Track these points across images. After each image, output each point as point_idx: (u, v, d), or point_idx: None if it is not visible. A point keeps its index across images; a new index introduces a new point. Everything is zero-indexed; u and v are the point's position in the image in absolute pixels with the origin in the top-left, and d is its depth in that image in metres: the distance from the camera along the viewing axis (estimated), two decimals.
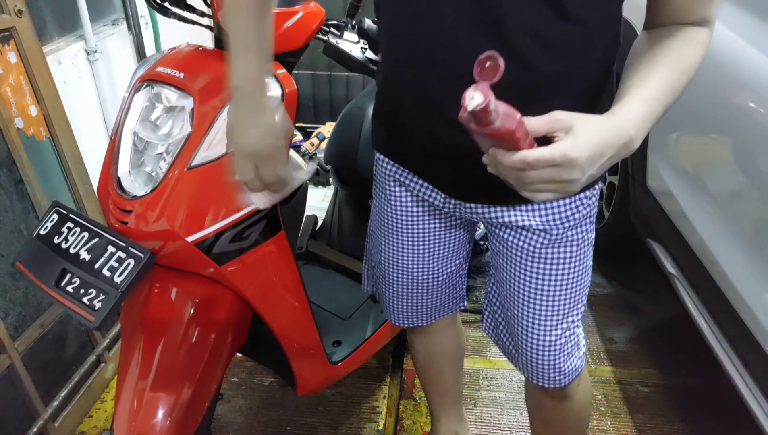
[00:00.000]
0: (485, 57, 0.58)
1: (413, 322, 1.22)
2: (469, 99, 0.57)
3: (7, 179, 1.37)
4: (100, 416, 1.65)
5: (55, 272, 0.93)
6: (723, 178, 1.52)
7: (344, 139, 1.57)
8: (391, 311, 1.21)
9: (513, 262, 0.99)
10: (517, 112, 0.60)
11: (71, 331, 1.59)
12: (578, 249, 0.96)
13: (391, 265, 1.12)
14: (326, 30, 1.12)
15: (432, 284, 1.14)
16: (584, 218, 0.95)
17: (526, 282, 0.99)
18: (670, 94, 0.73)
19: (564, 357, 1.04)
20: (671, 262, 1.76)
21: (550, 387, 1.07)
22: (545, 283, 0.98)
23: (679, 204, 1.67)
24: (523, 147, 0.63)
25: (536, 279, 0.98)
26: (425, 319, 1.22)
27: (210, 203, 0.94)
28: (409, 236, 1.07)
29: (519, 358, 1.08)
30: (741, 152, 1.44)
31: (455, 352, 1.37)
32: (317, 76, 3.13)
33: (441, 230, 1.07)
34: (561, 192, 0.67)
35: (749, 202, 1.42)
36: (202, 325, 1.02)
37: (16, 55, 1.35)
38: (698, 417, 1.71)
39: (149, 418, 0.94)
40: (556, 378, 1.05)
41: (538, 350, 1.03)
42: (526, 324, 1.02)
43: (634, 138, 0.69)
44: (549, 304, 1.00)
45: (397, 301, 1.18)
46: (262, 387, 1.77)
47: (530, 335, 1.02)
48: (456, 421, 1.51)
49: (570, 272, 0.98)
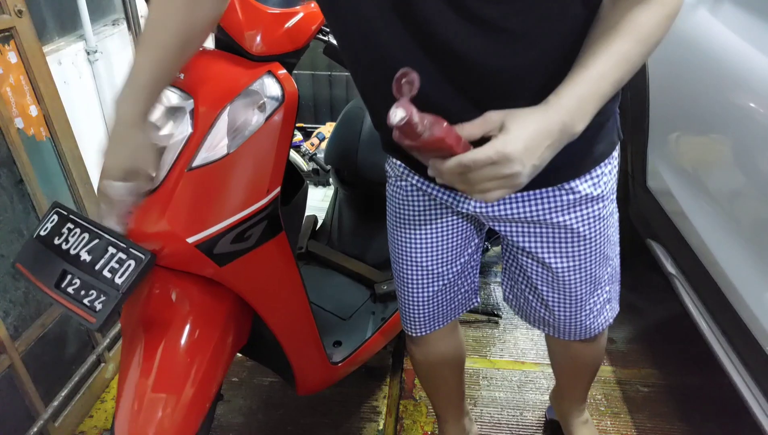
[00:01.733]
0: (400, 75, 0.61)
1: (431, 328, 1.20)
2: (393, 117, 0.60)
3: (7, 179, 1.37)
4: (101, 416, 1.65)
5: (55, 273, 0.92)
6: (723, 178, 1.52)
7: (344, 139, 1.57)
8: (408, 319, 1.20)
9: (543, 273, 1.05)
10: (443, 121, 0.64)
11: (71, 331, 1.59)
12: (593, 230, 1.00)
13: (405, 264, 1.13)
14: (326, 30, 1.12)
15: (446, 278, 1.14)
16: (607, 198, 0.99)
17: (555, 288, 1.06)
18: (622, 68, 0.73)
19: (593, 318, 1.13)
20: (671, 262, 1.76)
21: (578, 339, 1.17)
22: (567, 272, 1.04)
23: (679, 204, 1.67)
24: (458, 152, 0.66)
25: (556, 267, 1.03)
26: (441, 321, 1.21)
27: (211, 204, 0.94)
28: (420, 230, 1.09)
29: (540, 324, 1.17)
30: (741, 152, 1.44)
31: (456, 359, 1.37)
32: (317, 76, 3.13)
33: (451, 222, 1.08)
34: (508, 187, 0.70)
35: (749, 202, 1.42)
36: (203, 326, 1.02)
37: (17, 55, 1.35)
38: (698, 417, 1.71)
39: (150, 418, 0.94)
40: (584, 334, 1.15)
41: (569, 321, 1.11)
42: (553, 305, 1.09)
43: (569, 123, 0.71)
44: (569, 291, 1.06)
45: (413, 304, 1.17)
46: (262, 387, 1.77)
47: (560, 312, 1.10)
48: (462, 419, 1.52)
49: (589, 252, 1.02)
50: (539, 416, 1.71)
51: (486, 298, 2.18)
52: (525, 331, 2.02)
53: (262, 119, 0.96)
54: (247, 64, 0.99)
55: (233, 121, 0.94)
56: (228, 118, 0.94)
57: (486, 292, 2.21)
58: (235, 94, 0.95)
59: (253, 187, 0.97)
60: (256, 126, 0.96)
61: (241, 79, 0.96)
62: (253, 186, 0.97)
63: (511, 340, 1.98)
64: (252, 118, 0.96)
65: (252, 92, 0.97)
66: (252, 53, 0.98)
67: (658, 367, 1.89)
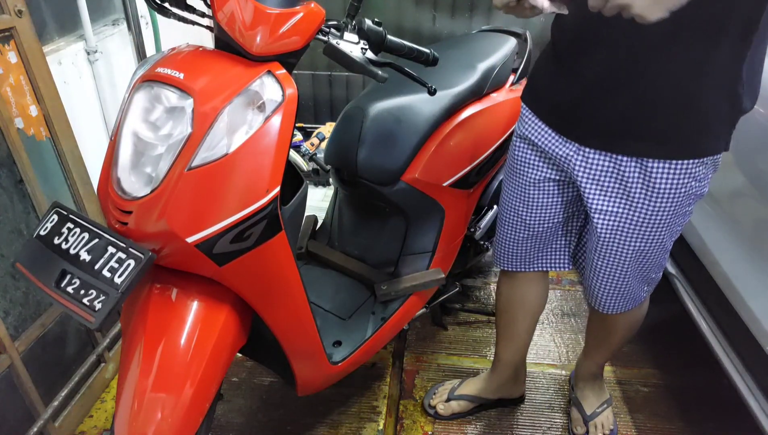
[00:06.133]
0: None
1: (515, 266, 1.44)
2: None
3: (7, 179, 1.37)
4: (101, 416, 1.65)
5: (55, 273, 0.93)
6: (723, 178, 1.52)
7: (344, 139, 1.56)
8: (498, 253, 1.45)
9: (596, 235, 1.21)
10: None
11: (71, 331, 1.59)
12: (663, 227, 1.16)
13: (507, 208, 1.37)
14: (326, 30, 1.12)
15: (536, 229, 1.35)
16: (684, 194, 1.11)
17: (603, 253, 1.23)
18: None
19: (628, 299, 1.31)
20: (671, 262, 1.76)
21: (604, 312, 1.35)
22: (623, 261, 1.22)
23: None
24: None
25: (618, 254, 1.21)
26: (524, 265, 1.43)
27: (210, 204, 0.94)
28: (524, 183, 1.30)
29: (586, 291, 1.37)
30: (741, 153, 1.44)
31: (533, 307, 1.54)
32: (317, 76, 3.13)
33: (551, 183, 1.28)
34: None
35: (749, 203, 1.42)
36: (203, 326, 1.02)
37: (17, 55, 1.35)
38: (698, 417, 1.71)
39: (150, 418, 0.94)
40: (619, 309, 1.33)
41: (604, 295, 1.31)
42: (598, 278, 1.28)
43: None
44: (621, 273, 1.24)
45: (505, 244, 1.42)
46: (262, 387, 1.77)
47: (602, 289, 1.30)
48: (516, 362, 1.65)
49: (648, 249, 1.20)
50: (540, 416, 1.71)
51: (486, 298, 2.19)
52: None
53: (261, 119, 0.96)
54: (246, 64, 0.99)
55: (233, 121, 0.94)
56: (227, 118, 0.94)
57: (486, 292, 2.21)
58: (235, 94, 0.95)
59: (253, 187, 0.97)
60: (256, 126, 0.96)
61: (240, 78, 0.96)
62: (253, 186, 0.97)
63: None
64: (251, 118, 0.96)
65: (252, 92, 0.96)
66: (252, 53, 0.98)
67: (658, 367, 1.89)
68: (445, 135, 1.59)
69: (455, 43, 1.98)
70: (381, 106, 1.56)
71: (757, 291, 1.33)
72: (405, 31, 2.96)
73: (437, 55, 1.24)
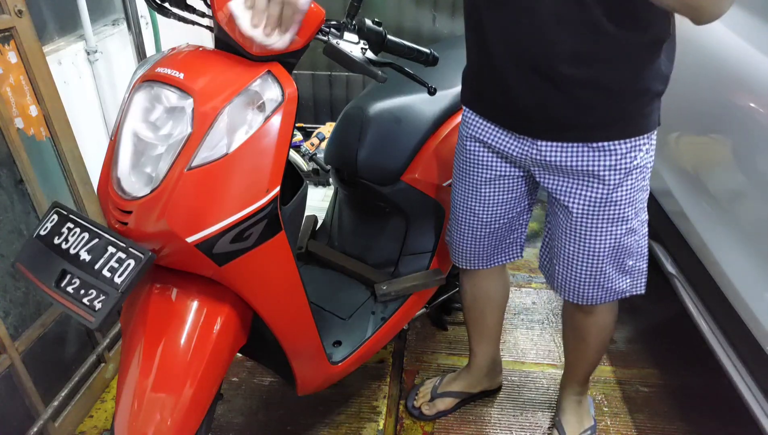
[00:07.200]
0: None
1: (474, 265, 1.47)
2: None
3: (7, 179, 1.37)
4: (101, 416, 1.65)
5: (55, 273, 0.93)
6: (723, 178, 1.52)
7: (344, 139, 1.57)
8: (456, 253, 1.48)
9: (566, 221, 1.24)
10: None
11: (71, 331, 1.59)
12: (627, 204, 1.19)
13: (461, 209, 1.39)
14: (326, 30, 1.12)
15: (493, 226, 1.39)
16: (636, 168, 1.16)
17: (574, 238, 1.24)
18: None
19: (603, 282, 1.29)
20: (671, 262, 1.76)
21: (581, 303, 1.34)
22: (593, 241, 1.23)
23: (679, 204, 1.67)
24: None
25: (583, 236, 1.23)
26: (484, 263, 1.47)
27: (210, 204, 0.94)
28: (478, 183, 1.33)
29: (559, 286, 1.35)
30: (741, 152, 1.44)
31: (498, 300, 1.59)
32: (317, 76, 3.13)
33: (505, 179, 1.31)
34: None
35: (749, 202, 1.42)
36: (203, 326, 1.02)
37: (17, 55, 1.35)
38: (698, 417, 1.71)
39: (150, 418, 0.94)
40: (592, 298, 1.32)
41: (579, 283, 1.30)
42: (571, 267, 1.29)
43: None
44: (592, 256, 1.25)
45: (462, 243, 1.44)
46: (262, 387, 1.77)
47: (572, 275, 1.30)
48: (491, 354, 1.69)
49: (616, 229, 1.21)
50: (539, 416, 1.71)
51: None
52: (525, 331, 2.02)
53: (261, 119, 0.96)
54: (246, 64, 0.99)
55: (233, 120, 0.94)
56: (227, 117, 0.94)
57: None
58: (235, 93, 0.95)
59: (253, 187, 0.97)
60: (256, 126, 0.96)
61: (240, 78, 0.96)
62: (253, 186, 0.97)
63: (511, 340, 1.99)
64: (251, 118, 0.96)
65: (251, 92, 0.96)
66: (251, 53, 0.98)
67: (658, 367, 1.89)
68: (445, 135, 1.59)
69: (455, 43, 1.98)
70: (381, 106, 1.56)
71: (757, 291, 1.33)
72: (405, 31, 2.96)
73: (437, 55, 1.24)
